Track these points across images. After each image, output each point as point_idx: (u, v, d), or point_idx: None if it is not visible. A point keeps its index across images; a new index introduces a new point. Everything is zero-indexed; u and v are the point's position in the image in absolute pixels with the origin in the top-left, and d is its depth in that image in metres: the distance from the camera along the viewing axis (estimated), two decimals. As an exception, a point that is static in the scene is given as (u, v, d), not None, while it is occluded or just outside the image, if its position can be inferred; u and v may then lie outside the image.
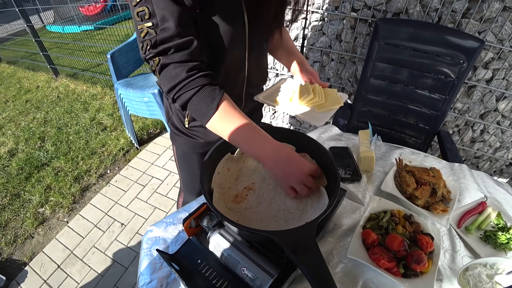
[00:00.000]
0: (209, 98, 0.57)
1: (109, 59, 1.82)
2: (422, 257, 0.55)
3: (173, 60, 0.56)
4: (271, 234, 0.43)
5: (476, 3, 1.19)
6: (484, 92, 1.42)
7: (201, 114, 0.59)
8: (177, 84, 0.57)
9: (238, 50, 0.69)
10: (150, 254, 0.69)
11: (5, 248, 1.73)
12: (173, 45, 0.54)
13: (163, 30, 0.53)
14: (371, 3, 1.34)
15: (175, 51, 0.55)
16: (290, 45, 0.84)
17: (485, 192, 0.85)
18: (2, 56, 4.87)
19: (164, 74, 0.57)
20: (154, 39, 0.54)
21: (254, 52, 0.73)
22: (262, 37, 0.73)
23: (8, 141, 2.65)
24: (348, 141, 1.04)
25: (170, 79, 0.57)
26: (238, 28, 0.64)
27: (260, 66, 0.81)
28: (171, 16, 0.52)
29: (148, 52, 0.55)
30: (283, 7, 0.71)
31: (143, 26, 0.54)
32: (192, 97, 0.57)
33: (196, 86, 0.57)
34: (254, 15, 0.65)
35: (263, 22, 0.69)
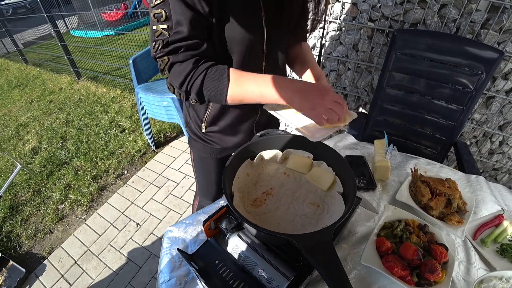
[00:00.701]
0: (218, 74, 0.60)
1: (131, 64, 1.91)
2: (436, 267, 0.56)
3: (181, 59, 0.59)
4: (290, 237, 0.46)
5: (496, 14, 1.19)
6: (503, 103, 1.40)
7: (217, 91, 0.61)
8: (186, 75, 0.60)
9: (255, 62, 0.71)
10: (170, 253, 0.73)
11: (26, 241, 1.82)
12: (183, 45, 0.58)
13: (176, 32, 0.57)
14: (389, 13, 1.36)
15: (184, 51, 0.59)
16: (309, 58, 0.83)
17: (503, 205, 0.84)
18: (29, 58, 5.13)
19: (173, 71, 0.61)
20: (167, 40, 0.58)
21: (272, 62, 0.75)
22: (280, 48, 0.75)
23: (32, 139, 2.78)
24: (363, 150, 1.05)
25: (180, 73, 0.60)
26: (256, 38, 0.66)
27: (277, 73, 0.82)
28: (185, 20, 0.56)
29: (159, 51, 0.59)
30: (303, 17, 0.73)
31: (158, 27, 0.58)
32: (203, 80, 0.60)
33: (202, 70, 0.60)
34: (273, 25, 0.67)
35: (282, 32, 0.71)
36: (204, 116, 0.81)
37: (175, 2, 0.55)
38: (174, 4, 0.55)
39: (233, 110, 0.80)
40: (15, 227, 1.91)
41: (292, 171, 0.70)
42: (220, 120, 0.82)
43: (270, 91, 0.59)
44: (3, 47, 5.76)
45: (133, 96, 3.32)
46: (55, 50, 4.82)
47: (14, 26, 5.10)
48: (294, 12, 0.68)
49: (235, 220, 0.67)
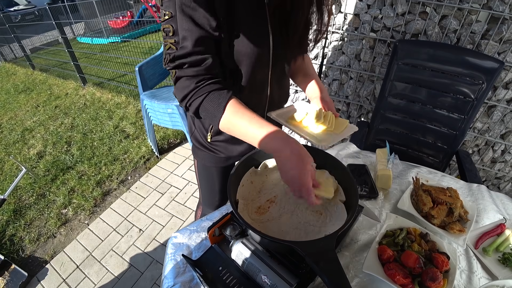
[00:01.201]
0: (217, 101, 0.62)
1: (136, 71, 1.94)
2: (437, 275, 0.57)
3: (186, 74, 0.62)
4: (294, 244, 0.47)
5: (495, 25, 1.21)
6: (504, 112, 1.41)
7: (212, 116, 0.63)
8: (188, 93, 0.62)
9: (262, 71, 0.73)
10: (174, 259, 0.74)
11: (29, 245, 1.83)
12: (187, 61, 0.60)
13: (181, 48, 0.59)
14: (390, 24, 1.38)
15: (189, 67, 0.61)
16: (311, 71, 0.87)
17: (504, 214, 0.85)
18: (36, 64, 5.23)
19: (177, 85, 0.64)
20: (173, 54, 0.60)
21: (277, 73, 0.77)
22: (285, 59, 0.78)
23: (37, 143, 2.82)
24: (365, 159, 1.07)
25: (182, 89, 0.63)
26: (263, 49, 0.69)
27: (282, 86, 0.85)
28: (190, 37, 0.58)
29: (167, 65, 0.63)
30: (307, 29, 0.75)
31: (167, 41, 0.61)
32: (202, 102, 0.62)
33: (204, 92, 0.62)
34: (279, 38, 0.70)
35: (287, 46, 0.73)
36: (210, 125, 0.83)
37: (182, 18, 0.57)
38: (181, 20, 0.57)
39: None
40: (18, 231, 1.92)
41: (295, 179, 0.71)
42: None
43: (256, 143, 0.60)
44: (11, 52, 5.88)
45: (138, 103, 3.36)
46: (62, 56, 4.91)
47: (22, 32, 5.22)
48: (299, 26, 0.70)
49: (239, 227, 0.68)
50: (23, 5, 12.42)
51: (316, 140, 0.72)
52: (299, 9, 0.66)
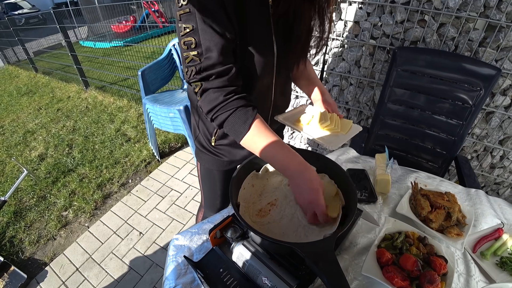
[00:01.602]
0: (243, 118, 0.64)
1: (139, 76, 1.97)
2: (435, 278, 0.58)
3: (213, 85, 0.63)
4: (294, 245, 0.48)
5: (493, 33, 1.23)
6: (502, 118, 1.43)
7: (236, 132, 0.65)
8: (215, 106, 0.64)
9: (267, 77, 0.76)
10: (176, 260, 0.75)
11: (28, 247, 1.83)
12: (215, 72, 0.61)
13: (207, 58, 0.60)
14: (390, 31, 1.41)
15: (216, 78, 0.62)
16: (313, 75, 0.90)
17: (502, 218, 0.86)
18: (39, 66, 5.28)
19: (204, 97, 0.65)
20: (199, 66, 0.61)
21: (281, 79, 0.80)
22: (288, 66, 0.80)
23: (39, 146, 2.84)
24: (365, 164, 1.08)
25: (210, 102, 0.64)
26: (268, 57, 0.72)
27: (285, 91, 0.88)
28: (215, 47, 0.59)
29: (193, 77, 0.63)
30: (309, 37, 0.77)
31: (189, 53, 0.61)
32: (228, 117, 0.64)
33: (232, 108, 0.63)
34: (283, 46, 0.72)
35: (290, 53, 0.76)
36: (214, 129, 0.85)
37: (204, 29, 0.58)
38: (204, 32, 0.59)
39: None
40: (18, 232, 1.92)
41: (296, 183, 0.72)
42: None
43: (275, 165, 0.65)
44: (14, 55, 5.94)
45: (139, 106, 3.38)
46: (65, 60, 4.95)
47: (25, 35, 5.28)
48: (302, 34, 0.72)
49: (240, 230, 0.69)
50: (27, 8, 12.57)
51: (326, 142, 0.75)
52: (302, 19, 0.69)
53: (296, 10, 0.66)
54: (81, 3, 7.01)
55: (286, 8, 0.65)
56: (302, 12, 0.67)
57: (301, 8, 0.67)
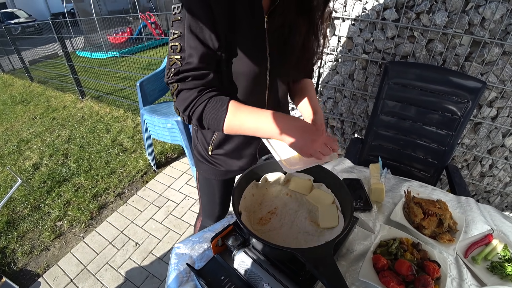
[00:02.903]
0: (219, 104, 0.66)
1: (138, 87, 2.00)
2: (429, 282, 0.60)
3: (188, 86, 0.66)
4: (296, 251, 0.50)
5: (477, 48, 1.31)
6: (490, 128, 1.49)
7: (216, 120, 0.66)
8: (190, 102, 0.66)
9: (259, 91, 0.78)
10: (178, 268, 0.76)
11: (21, 258, 1.80)
12: (191, 75, 0.65)
13: (187, 63, 0.64)
14: (381, 47, 1.48)
15: (192, 79, 0.65)
16: (310, 94, 0.86)
17: (492, 225, 0.89)
18: (34, 75, 5.26)
19: (180, 97, 0.67)
20: (178, 69, 0.65)
21: (274, 93, 0.82)
22: (282, 80, 0.83)
23: (34, 155, 2.81)
24: (359, 174, 1.11)
25: (185, 99, 0.66)
26: (260, 69, 0.74)
27: (279, 107, 0.88)
28: (196, 54, 0.63)
29: (171, 78, 0.66)
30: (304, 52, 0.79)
31: (173, 57, 0.65)
32: (204, 108, 0.66)
33: (205, 99, 0.66)
34: (276, 59, 0.75)
35: (284, 66, 0.78)
36: (211, 139, 0.87)
37: (189, 37, 0.63)
38: (189, 39, 0.63)
39: (238, 135, 0.85)
40: (11, 243, 1.89)
41: (294, 192, 0.75)
42: (225, 144, 0.87)
43: (266, 126, 0.66)
44: (9, 63, 5.92)
45: (136, 117, 3.40)
46: (61, 69, 4.97)
47: (21, 44, 5.28)
48: (296, 48, 0.75)
49: (241, 237, 0.71)
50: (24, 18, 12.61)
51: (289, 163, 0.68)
52: (296, 34, 0.72)
53: (291, 24, 0.70)
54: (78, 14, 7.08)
55: (282, 22, 0.69)
56: (297, 26, 0.71)
57: (296, 22, 0.71)
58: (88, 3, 6.64)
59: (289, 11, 0.68)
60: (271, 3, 0.70)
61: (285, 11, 0.68)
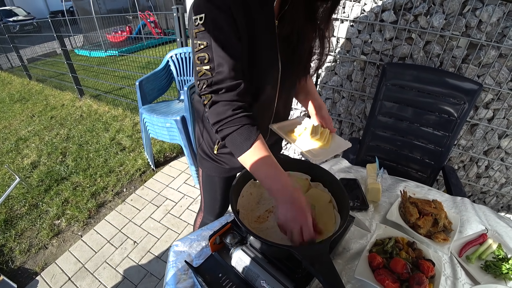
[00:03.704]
0: (246, 136, 0.66)
1: (137, 86, 2.00)
2: (423, 280, 0.62)
3: (222, 98, 0.66)
4: (292, 248, 0.51)
5: (474, 50, 1.32)
6: (486, 130, 1.51)
7: (237, 148, 0.67)
8: (223, 119, 0.66)
9: (272, 90, 0.81)
10: (176, 266, 0.77)
11: (19, 256, 1.80)
12: (225, 86, 0.65)
13: (218, 73, 0.64)
14: (379, 48, 1.49)
15: (226, 91, 0.66)
16: (312, 90, 0.94)
17: (486, 224, 0.91)
18: (33, 74, 5.25)
19: (213, 109, 0.67)
20: (210, 80, 0.65)
21: (283, 92, 0.85)
22: (291, 80, 0.86)
23: (32, 153, 2.81)
24: (356, 173, 1.13)
25: (218, 114, 0.67)
26: (274, 72, 0.77)
27: (286, 104, 0.92)
28: (226, 63, 0.64)
29: (204, 89, 0.67)
30: (310, 56, 0.84)
31: (201, 68, 0.65)
32: (233, 132, 0.66)
33: (238, 124, 0.66)
34: (287, 62, 0.78)
35: (294, 68, 0.82)
36: (217, 139, 0.89)
37: (217, 47, 0.63)
38: (216, 49, 0.63)
39: None
40: (9, 241, 1.89)
41: (292, 191, 0.76)
42: None
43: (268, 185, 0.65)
44: (7, 61, 5.90)
45: (134, 116, 3.40)
46: (59, 67, 4.95)
47: (19, 42, 5.27)
48: (304, 55, 0.78)
49: (238, 235, 0.72)
50: (22, 15, 12.56)
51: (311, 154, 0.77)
52: (304, 39, 0.75)
53: (299, 31, 0.72)
54: (77, 12, 7.07)
55: (290, 29, 0.70)
56: (305, 33, 0.73)
57: (304, 29, 0.73)
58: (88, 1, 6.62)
59: (298, 17, 0.69)
60: (280, 8, 0.71)
61: (294, 17, 0.69)
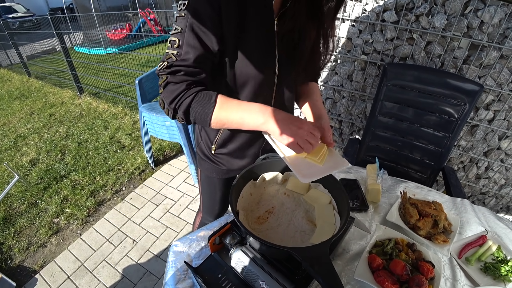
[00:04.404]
0: (206, 97, 0.65)
1: (136, 84, 1.99)
2: (423, 281, 0.61)
3: (177, 80, 0.65)
4: (292, 250, 0.51)
5: (475, 51, 1.32)
6: (486, 131, 1.50)
7: (203, 113, 0.65)
8: (178, 94, 0.64)
9: (265, 93, 0.78)
10: (175, 266, 0.77)
11: (18, 254, 1.80)
12: (184, 69, 0.64)
13: (182, 60, 0.64)
14: (380, 48, 1.48)
15: (184, 75, 0.64)
16: (315, 97, 0.86)
17: (486, 226, 0.91)
18: (32, 71, 5.23)
19: (167, 89, 0.66)
20: (171, 62, 0.64)
21: (280, 97, 0.82)
22: (290, 83, 0.82)
23: (31, 151, 2.80)
24: (356, 174, 1.12)
25: (172, 92, 0.65)
26: (269, 72, 0.74)
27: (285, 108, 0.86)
28: (193, 52, 0.63)
29: (162, 70, 0.66)
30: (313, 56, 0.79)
31: (169, 51, 0.65)
32: (192, 101, 0.65)
33: (193, 92, 0.65)
34: (285, 62, 0.74)
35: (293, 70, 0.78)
36: (215, 138, 0.88)
37: (189, 35, 0.63)
38: (189, 36, 0.63)
39: (242, 134, 0.85)
40: (7, 239, 1.89)
41: (292, 192, 0.76)
42: (229, 143, 0.88)
43: (250, 118, 0.65)
44: (7, 58, 5.88)
45: (134, 114, 3.39)
46: (59, 65, 4.93)
47: (18, 39, 5.24)
48: (305, 53, 0.75)
49: (238, 236, 0.71)
50: (22, 12, 12.50)
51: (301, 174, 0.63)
52: (306, 37, 0.72)
53: (301, 29, 0.70)
54: (77, 9, 7.04)
55: (292, 26, 0.68)
56: (307, 31, 0.71)
57: (306, 27, 0.71)
58: (87, -2, 6.60)
59: (299, 15, 0.68)
60: (281, 6, 0.70)
61: (296, 14, 0.67)
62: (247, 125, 0.66)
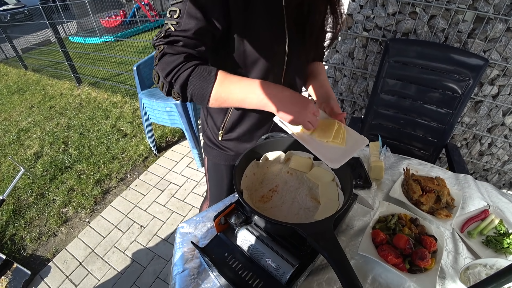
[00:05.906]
0: (206, 71, 0.61)
1: (134, 71, 1.97)
2: (425, 254, 0.63)
3: (175, 51, 0.60)
4: (297, 226, 0.52)
5: (481, 24, 1.28)
6: (490, 107, 1.48)
7: (202, 88, 0.61)
8: (175, 66, 0.59)
9: (276, 71, 0.75)
10: (182, 247, 0.78)
11: (30, 244, 1.85)
12: (183, 40, 0.59)
13: (182, 30, 0.59)
14: (382, 24, 1.44)
15: (182, 46, 0.60)
16: (322, 77, 0.85)
17: (488, 201, 0.91)
18: (28, 64, 5.16)
19: (163, 60, 0.60)
20: (169, 32, 0.60)
21: (290, 75, 0.79)
22: (300, 61, 0.79)
23: (34, 144, 2.82)
24: (359, 152, 1.12)
25: (169, 63, 0.59)
26: (279, 49, 0.71)
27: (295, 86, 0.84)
28: (195, 25, 0.59)
29: (159, 39, 0.60)
30: (323, 31, 0.76)
31: (168, 22, 0.60)
32: (190, 74, 0.60)
33: (192, 65, 0.60)
34: (295, 39, 0.72)
35: (304, 46, 0.75)
36: (222, 123, 0.85)
37: (192, 7, 0.58)
38: (191, 8, 0.58)
39: (252, 116, 0.83)
40: (19, 230, 1.94)
41: (295, 170, 0.76)
42: (238, 127, 0.85)
43: (253, 96, 0.62)
44: (2, 52, 5.79)
45: (134, 102, 3.37)
46: (55, 56, 4.87)
47: (11, 32, 5.15)
48: (315, 28, 0.72)
49: (243, 215, 0.72)
50: (13, 4, 12.20)
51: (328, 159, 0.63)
52: (316, 12, 0.69)
53: (310, 3, 0.67)
54: (69, -3, 6.84)
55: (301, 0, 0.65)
56: (316, 5, 0.68)
57: (316, 1, 0.68)
58: (79, -15, 6.40)
59: None
60: None
61: None
62: (249, 104, 0.64)
